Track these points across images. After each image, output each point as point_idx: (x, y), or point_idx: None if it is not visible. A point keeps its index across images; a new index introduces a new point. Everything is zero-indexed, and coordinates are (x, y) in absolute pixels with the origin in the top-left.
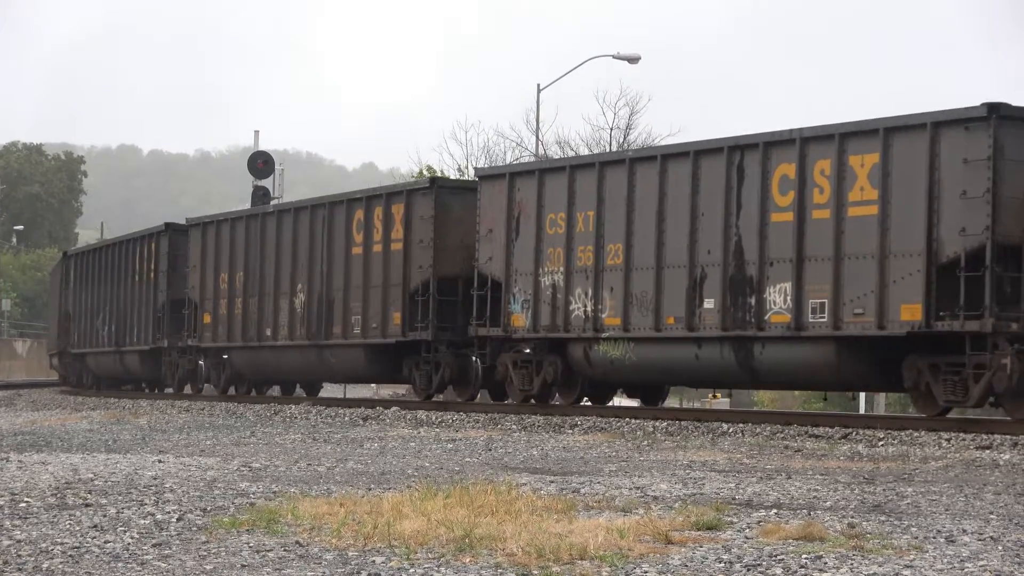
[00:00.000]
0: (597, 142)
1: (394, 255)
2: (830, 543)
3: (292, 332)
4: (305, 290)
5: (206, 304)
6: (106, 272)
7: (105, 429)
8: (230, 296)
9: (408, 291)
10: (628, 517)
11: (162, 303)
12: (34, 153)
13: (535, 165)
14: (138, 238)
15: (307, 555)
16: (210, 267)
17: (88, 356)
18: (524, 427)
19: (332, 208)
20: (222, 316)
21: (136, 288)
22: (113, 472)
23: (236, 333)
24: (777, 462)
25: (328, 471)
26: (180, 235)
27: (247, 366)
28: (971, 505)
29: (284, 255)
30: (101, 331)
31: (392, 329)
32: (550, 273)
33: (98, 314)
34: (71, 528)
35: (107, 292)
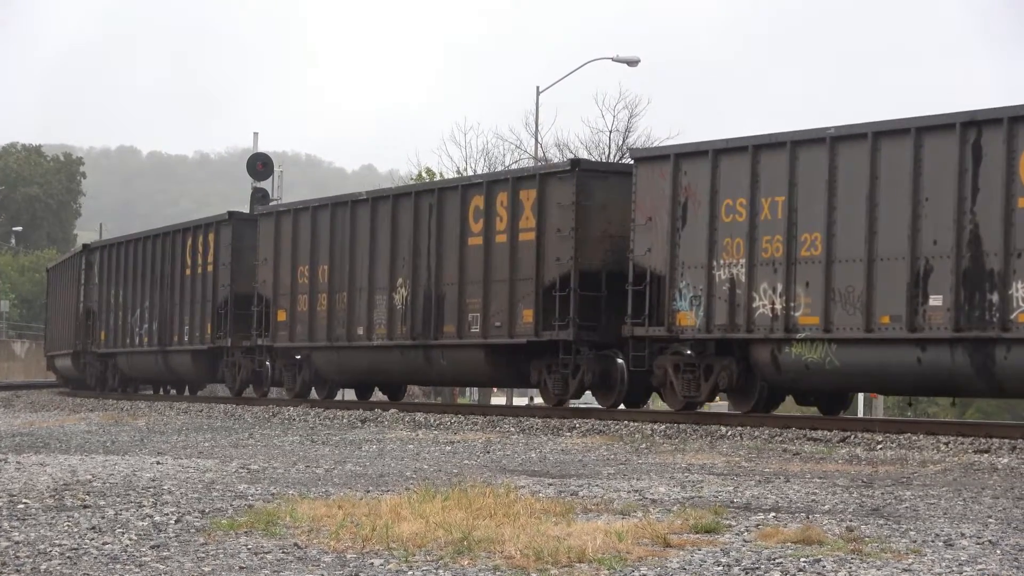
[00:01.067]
0: (596, 145)
1: (523, 246)
2: (828, 547)
3: (392, 331)
4: (408, 285)
5: (281, 300)
6: (144, 265)
7: (103, 430)
8: (311, 291)
9: (542, 286)
10: (626, 520)
11: (224, 299)
12: (33, 154)
13: (707, 146)
14: (189, 228)
15: (305, 557)
16: (286, 259)
17: (119, 356)
18: (522, 430)
19: (442, 194)
20: (301, 313)
21: (188, 283)
22: (111, 474)
23: (319, 332)
24: (775, 465)
25: (326, 473)
26: (246, 224)
27: (331, 368)
28: (969, 509)
29: (381, 246)
30: (137, 329)
31: (521, 328)
32: (727, 266)
33: (132, 311)
34: (69, 529)
35: (146, 287)
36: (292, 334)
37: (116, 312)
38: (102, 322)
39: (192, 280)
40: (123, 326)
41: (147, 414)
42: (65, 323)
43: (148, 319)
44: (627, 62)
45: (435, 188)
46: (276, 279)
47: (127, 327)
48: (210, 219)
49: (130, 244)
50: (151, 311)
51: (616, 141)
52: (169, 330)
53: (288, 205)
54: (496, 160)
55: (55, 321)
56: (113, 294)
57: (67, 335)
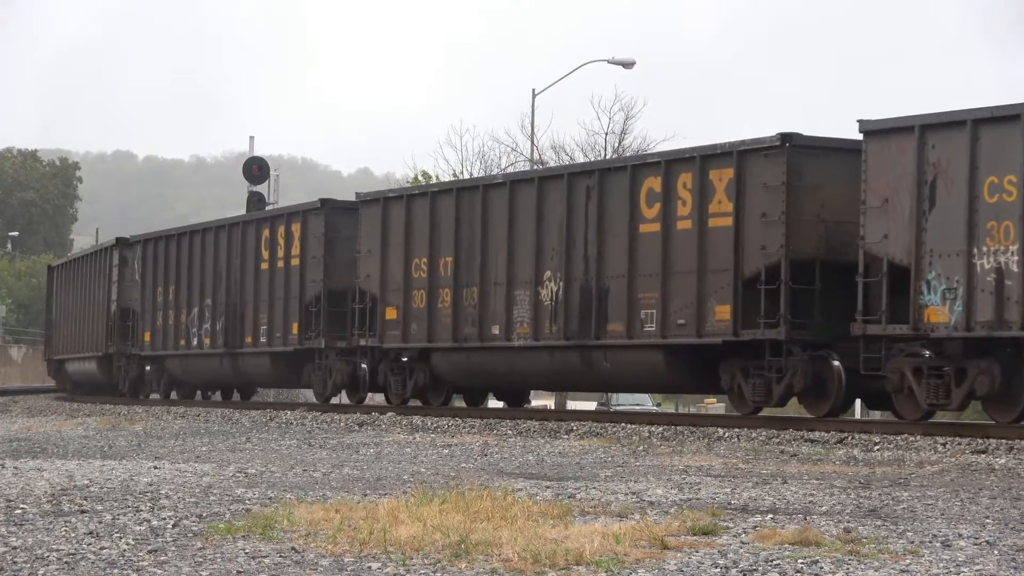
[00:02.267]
0: (592, 147)
1: (714, 233)
2: (826, 548)
3: (537, 330)
4: (558, 278)
5: (390, 296)
6: (203, 260)
7: (101, 435)
8: (431, 286)
9: (742, 278)
10: (624, 522)
11: (315, 296)
12: (29, 159)
13: (963, 115)
14: (265, 219)
15: (303, 561)
16: (396, 251)
17: (168, 359)
18: (519, 432)
19: (603, 176)
20: (417, 311)
21: (264, 278)
22: (109, 478)
23: (441, 331)
24: (773, 467)
25: (324, 477)
26: (341, 214)
27: (456, 371)
28: (967, 510)
29: (522, 235)
30: (194, 330)
31: (713, 326)
32: (992, 254)
33: (187, 310)
34: (67, 535)
35: (205, 284)
36: (406, 334)
37: (164, 311)
38: (145, 322)
39: (271, 275)
40: (175, 326)
41: (144, 419)
42: (87, 324)
43: (210, 318)
44: (623, 64)
45: (594, 169)
46: (384, 273)
47: (180, 327)
48: (295, 207)
49: (182, 237)
50: (214, 310)
51: (612, 143)
52: (239, 330)
53: (399, 190)
54: (492, 163)
55: (66, 322)
56: (160, 291)
57: (90, 337)
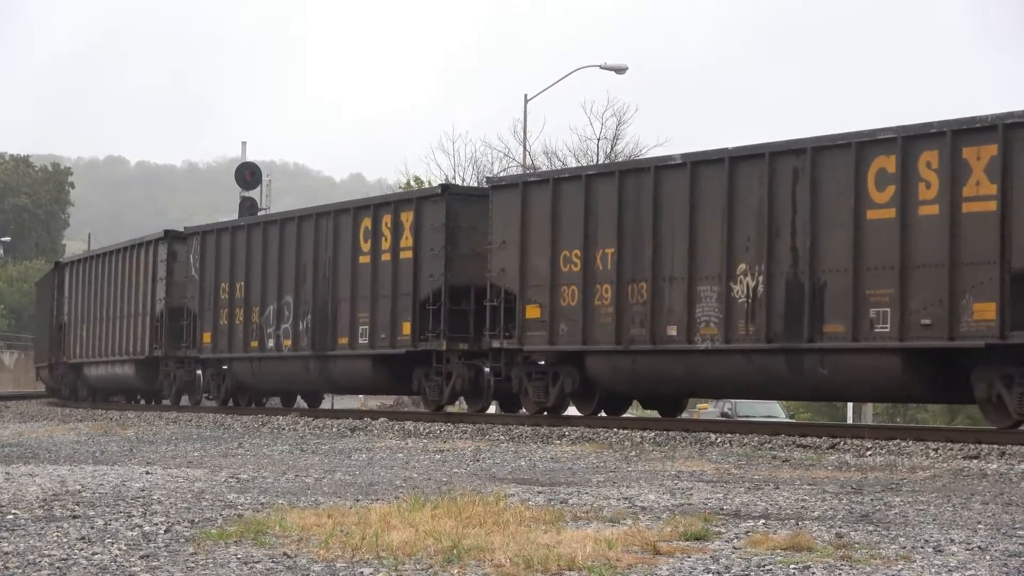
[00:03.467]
0: (584, 152)
1: (970, 220)
2: (818, 553)
3: (729, 331)
4: (757, 271)
5: (531, 293)
6: (284, 253)
7: (93, 441)
8: (586, 281)
9: (1009, 271)
10: (616, 528)
11: (431, 293)
12: (21, 164)
13: None
14: (367, 207)
15: (295, 567)
16: (539, 242)
17: (234, 363)
18: (512, 438)
19: (816, 155)
20: (566, 308)
21: (364, 273)
22: (101, 484)
23: (598, 332)
24: (765, 472)
25: (316, 482)
26: (462, 201)
27: (618, 376)
28: (959, 515)
29: (707, 222)
30: (270, 330)
31: (970, 327)
32: None
33: (262, 308)
34: (58, 540)
35: (284, 280)
36: (553, 334)
37: (230, 310)
38: (204, 322)
39: (373, 270)
40: (243, 327)
41: (136, 424)
42: (119, 325)
43: (291, 317)
44: (615, 70)
45: (805, 147)
46: (524, 267)
47: (250, 328)
48: (405, 194)
49: (253, 228)
50: (296, 308)
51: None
52: (330, 331)
53: (543, 174)
54: (484, 169)
55: (86, 324)
56: (225, 288)
57: (125, 339)
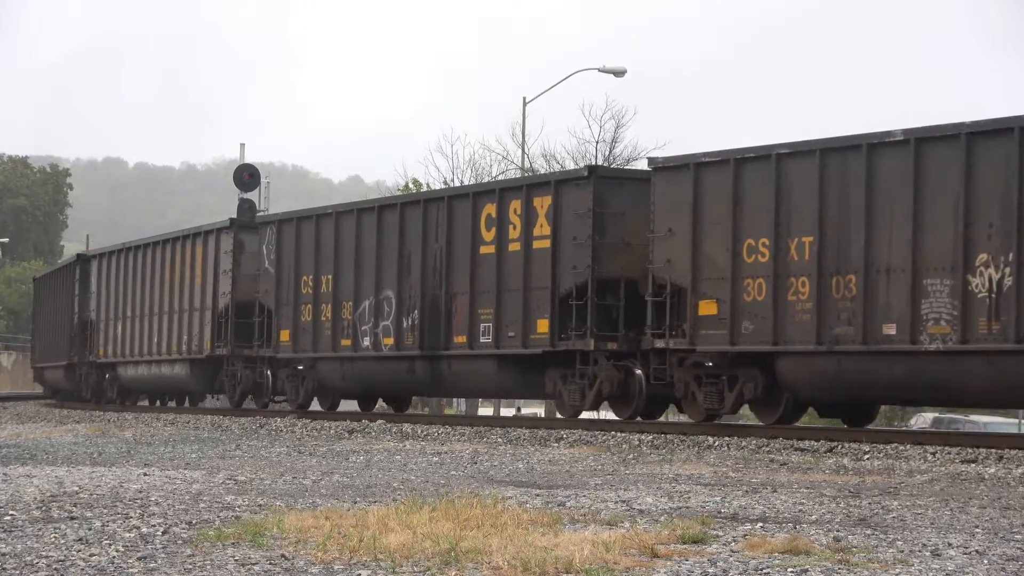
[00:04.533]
0: (583, 155)
1: None
2: (816, 557)
3: (966, 329)
4: (1001, 263)
5: (705, 287)
6: (383, 243)
7: (90, 442)
8: (777, 273)
9: None
10: (614, 531)
11: (575, 286)
12: (20, 166)
13: None
14: (488, 192)
15: (292, 569)
16: (716, 230)
17: (321, 363)
18: (509, 440)
19: None
20: (750, 304)
21: (487, 265)
22: (98, 485)
23: (793, 331)
24: (763, 476)
25: (314, 484)
26: (610, 185)
27: (819, 381)
28: (956, 519)
29: (933, 206)
30: (365, 328)
31: None
32: None
33: (355, 304)
34: (56, 541)
35: (385, 272)
36: (734, 333)
37: (315, 305)
38: (281, 319)
39: (499, 261)
40: (332, 324)
41: (134, 426)
42: (164, 323)
43: (392, 314)
44: (613, 73)
45: None
46: (696, 257)
47: (339, 325)
48: (539, 178)
49: (342, 216)
50: (399, 304)
51: (603, 151)
52: (444, 329)
53: (720, 154)
54: (483, 171)
55: (116, 321)
56: (308, 282)
57: (176, 337)
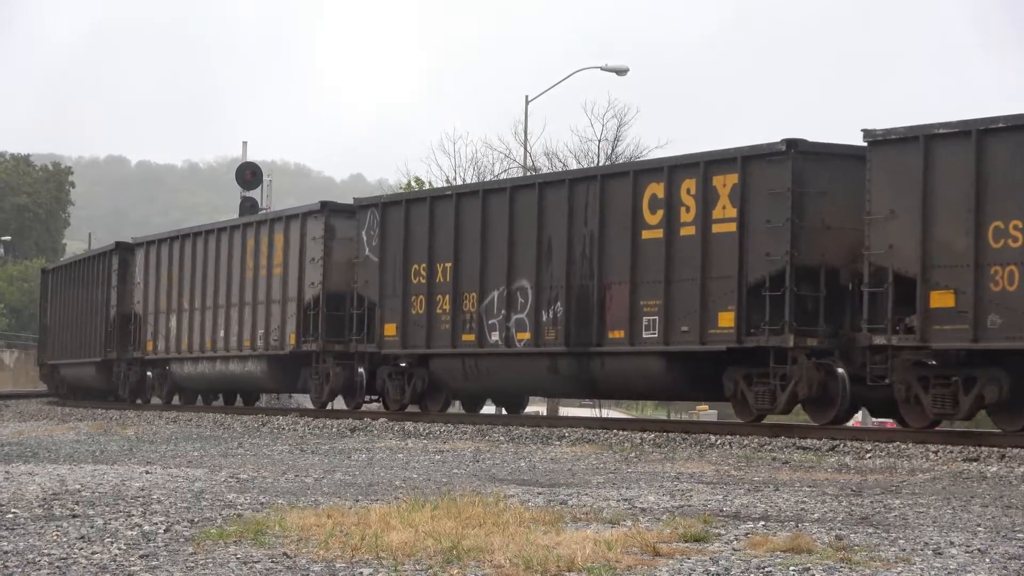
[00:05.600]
0: (585, 154)
1: None
2: (818, 555)
3: None
4: None
5: (938, 276)
6: (516, 228)
7: (92, 440)
8: (981, 259)
9: None
10: (616, 529)
11: (767, 275)
12: (22, 163)
13: None
14: (649, 170)
15: (294, 567)
16: (952, 212)
17: (435, 360)
18: (512, 439)
19: None
20: (1000, 295)
21: (649, 251)
22: (100, 483)
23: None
24: (765, 474)
25: (316, 482)
26: (815, 161)
27: None
28: (959, 517)
29: None
30: (494, 321)
31: None
32: None
33: (481, 294)
34: (58, 539)
35: (520, 260)
36: (978, 328)
37: (428, 297)
38: (385, 311)
39: (668, 247)
40: (451, 316)
41: (136, 423)
42: (233, 315)
43: (530, 306)
44: (616, 71)
45: None
46: (927, 242)
47: (460, 318)
48: (720, 154)
49: (463, 198)
50: (538, 295)
51: (605, 150)
52: (596, 322)
53: (957, 125)
54: (485, 169)
55: (174, 315)
56: (419, 270)
57: (242, 331)
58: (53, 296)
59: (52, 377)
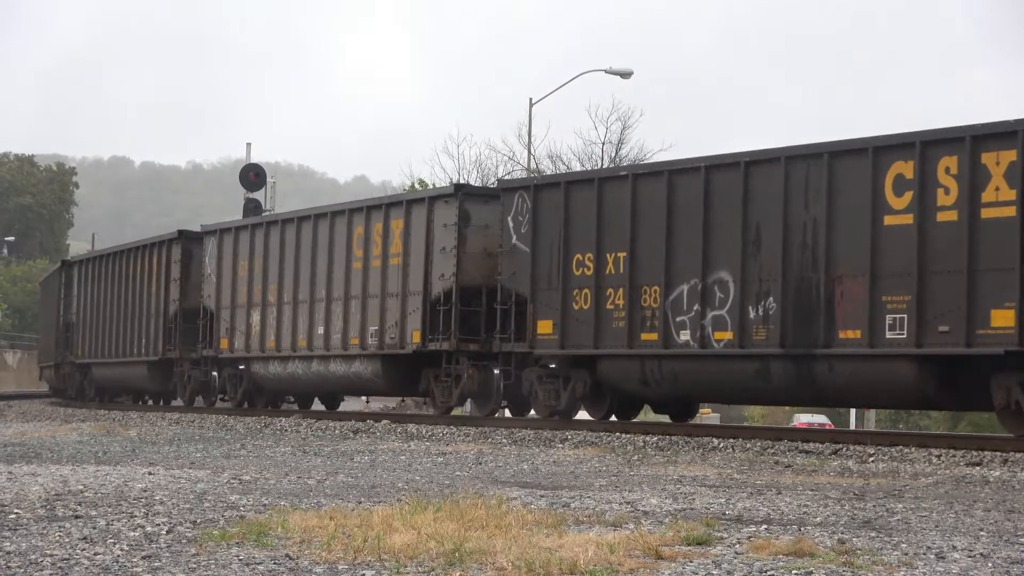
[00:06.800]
0: (589, 157)
1: None
2: (820, 559)
3: None
4: None
5: None
6: (712, 212)
7: (95, 441)
8: None
9: None
10: (618, 532)
11: None
12: (26, 164)
13: None
14: (900, 145)
15: (297, 568)
16: None
17: (604, 361)
18: (514, 441)
19: None
20: None
21: (899, 239)
22: (103, 484)
23: None
24: (767, 477)
25: (318, 484)
26: None
27: None
28: (961, 522)
29: None
30: (682, 318)
31: None
32: None
33: (666, 288)
34: (61, 540)
35: (716, 248)
36: None
37: (594, 291)
38: (541, 306)
39: (920, 234)
40: (628, 313)
41: (139, 424)
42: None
43: (733, 301)
44: (620, 74)
45: None
46: None
47: (636, 315)
48: (990, 127)
49: (641, 179)
50: (744, 288)
51: (609, 153)
52: (822, 320)
53: None
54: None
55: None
56: (581, 262)
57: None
58: (82, 290)
59: (72, 377)
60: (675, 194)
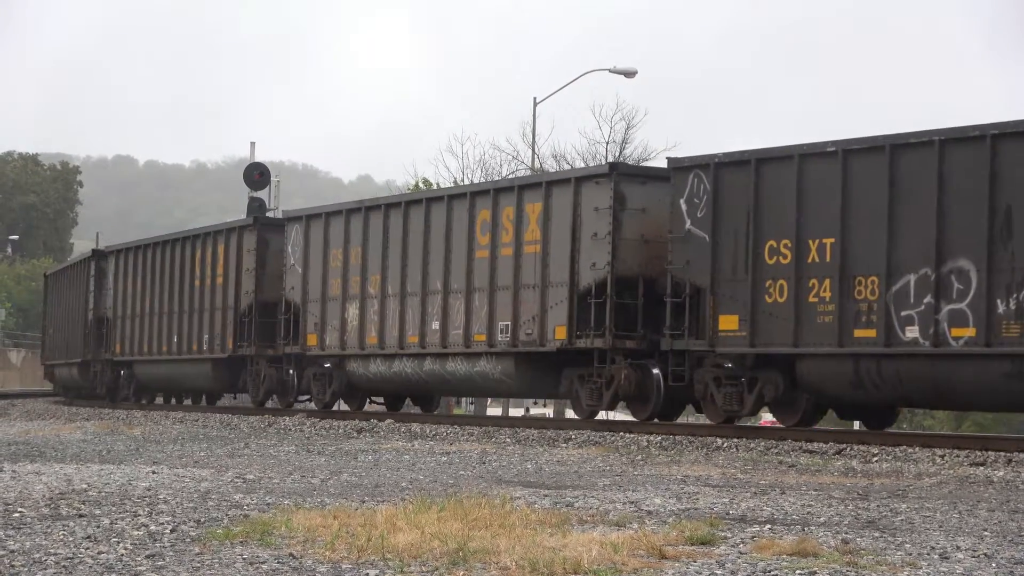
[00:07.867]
0: (593, 156)
1: None
2: (824, 559)
3: None
4: None
5: None
6: (944, 193)
7: (99, 439)
8: None
9: None
10: (622, 531)
11: None
12: (30, 163)
13: None
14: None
15: (301, 568)
16: None
17: (804, 361)
18: (518, 441)
19: None
20: None
21: None
22: (107, 483)
23: None
24: (771, 477)
25: (322, 483)
26: None
27: None
28: (965, 522)
29: None
30: (910, 312)
31: None
32: None
33: (888, 277)
34: (64, 538)
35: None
36: None
37: (794, 281)
38: (723, 299)
39: None
40: (838, 306)
41: (143, 423)
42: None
43: (974, 292)
44: (624, 73)
45: None
46: None
47: (847, 308)
48: None
49: (852, 155)
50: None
51: (613, 152)
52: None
53: None
54: (493, 171)
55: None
56: (775, 249)
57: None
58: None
59: (104, 376)
60: (899, 171)
